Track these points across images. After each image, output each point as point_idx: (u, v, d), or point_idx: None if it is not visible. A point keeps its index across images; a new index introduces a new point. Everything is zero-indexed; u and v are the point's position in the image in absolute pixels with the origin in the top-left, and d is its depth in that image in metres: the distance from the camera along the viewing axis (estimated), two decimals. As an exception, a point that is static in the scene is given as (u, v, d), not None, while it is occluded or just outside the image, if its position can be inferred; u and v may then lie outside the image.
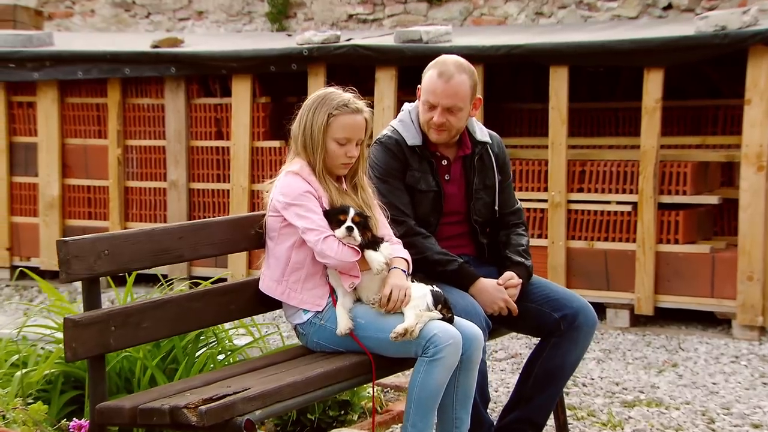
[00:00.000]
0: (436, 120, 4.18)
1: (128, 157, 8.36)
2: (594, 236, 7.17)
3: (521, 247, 4.36)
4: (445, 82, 4.17)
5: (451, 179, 4.32)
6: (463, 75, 4.19)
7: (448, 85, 4.16)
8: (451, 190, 4.31)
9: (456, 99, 4.17)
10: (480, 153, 4.34)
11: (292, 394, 3.60)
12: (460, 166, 4.34)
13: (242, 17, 10.90)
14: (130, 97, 8.33)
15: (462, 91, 4.18)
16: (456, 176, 4.33)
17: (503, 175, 4.39)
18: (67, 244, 3.38)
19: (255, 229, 4.03)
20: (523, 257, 4.33)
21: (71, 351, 3.36)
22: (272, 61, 7.68)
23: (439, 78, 4.18)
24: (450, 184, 4.32)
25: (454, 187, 4.32)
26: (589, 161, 7.19)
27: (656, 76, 6.87)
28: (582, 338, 4.29)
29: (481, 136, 4.36)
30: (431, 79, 4.20)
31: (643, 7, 9.58)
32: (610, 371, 6.12)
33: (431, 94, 4.18)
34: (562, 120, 7.10)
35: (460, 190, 4.32)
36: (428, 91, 4.19)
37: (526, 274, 4.31)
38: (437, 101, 4.17)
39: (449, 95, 4.16)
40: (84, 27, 11.65)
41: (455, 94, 4.16)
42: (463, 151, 4.33)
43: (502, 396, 5.47)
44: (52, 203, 8.53)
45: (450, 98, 4.16)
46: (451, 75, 4.18)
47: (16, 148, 8.69)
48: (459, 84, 4.17)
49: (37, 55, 8.34)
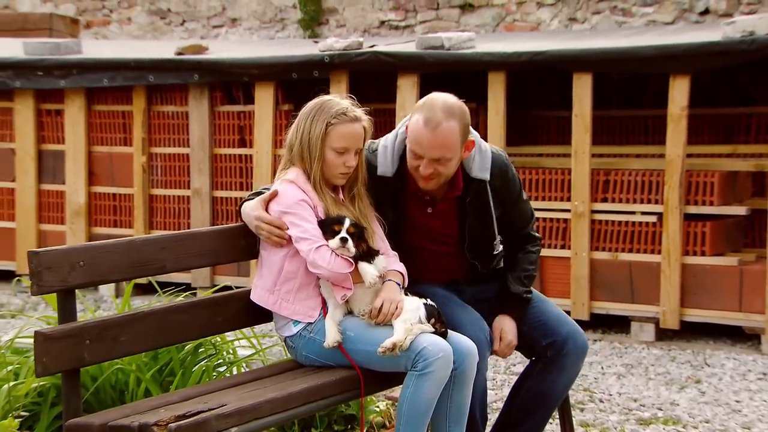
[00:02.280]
0: (423, 171, 3.81)
1: (153, 165, 8.34)
2: (618, 247, 6.99)
3: (525, 273, 4.12)
4: (432, 131, 3.74)
5: (434, 213, 4.02)
6: (451, 121, 3.74)
7: (434, 135, 3.73)
8: (433, 224, 4.03)
9: (444, 150, 3.76)
10: (475, 192, 3.94)
11: (272, 411, 3.51)
12: (449, 203, 4.01)
13: (275, 24, 10.87)
14: (155, 104, 8.32)
15: (451, 140, 3.75)
16: (442, 211, 4.02)
17: (505, 205, 4.04)
18: (39, 255, 3.32)
19: (245, 240, 3.94)
20: (523, 285, 4.11)
21: (41, 365, 3.30)
22: (294, 68, 7.61)
23: (425, 126, 3.75)
24: (432, 218, 4.03)
25: (437, 222, 4.03)
26: (613, 170, 7.01)
27: (682, 83, 6.68)
28: (569, 365, 4.12)
29: (480, 171, 3.91)
30: (417, 127, 3.78)
31: (679, 12, 9.38)
32: (629, 387, 5.94)
33: (416, 145, 3.78)
34: (585, 128, 6.93)
35: (446, 227, 4.03)
36: (413, 141, 3.79)
37: (522, 307, 4.11)
38: (423, 153, 3.77)
39: (436, 147, 3.75)
40: (121, 35, 11.72)
41: (443, 145, 3.75)
42: (453, 192, 3.95)
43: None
44: (79, 211, 8.54)
45: (437, 150, 3.75)
46: (438, 123, 3.74)
47: (45, 155, 8.71)
48: (447, 133, 3.73)
49: (64, 62, 8.36)
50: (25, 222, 8.73)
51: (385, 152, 3.97)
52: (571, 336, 4.11)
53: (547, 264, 7.12)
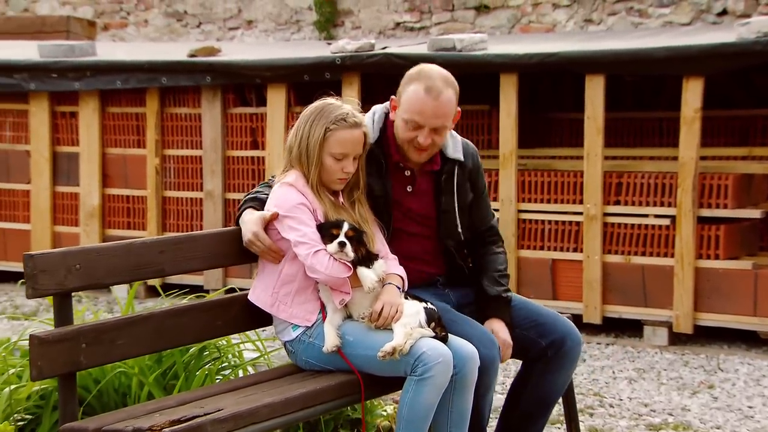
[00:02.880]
0: (423, 141, 3.82)
1: (166, 167, 8.34)
2: (631, 250, 6.93)
3: (498, 273, 4.09)
4: (434, 99, 3.78)
5: (414, 192, 4.01)
6: (449, 90, 3.82)
7: (437, 104, 3.78)
8: (412, 204, 4.01)
9: (444, 119, 3.81)
10: (449, 172, 3.98)
11: (269, 416, 3.48)
12: (427, 181, 4.02)
13: (290, 26, 10.86)
14: (168, 106, 8.32)
15: (450, 108, 3.82)
16: (421, 190, 4.01)
17: (476, 190, 4.08)
18: (34, 258, 3.30)
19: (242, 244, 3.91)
20: (500, 285, 4.07)
21: (36, 369, 3.28)
22: (306, 70, 7.60)
23: (427, 95, 3.78)
24: (412, 197, 4.01)
25: (416, 202, 4.02)
26: (626, 173, 6.94)
27: (696, 85, 6.61)
28: (569, 363, 4.09)
29: (454, 152, 3.98)
30: (417, 97, 3.79)
31: (697, 13, 9.30)
32: (641, 392, 5.88)
33: (418, 114, 3.78)
34: (597, 130, 6.87)
35: (423, 206, 4.02)
36: (414, 111, 3.79)
37: (505, 307, 4.06)
38: (425, 122, 3.79)
39: (439, 115, 3.79)
40: (138, 37, 11.74)
41: (444, 114, 3.80)
42: (431, 166, 3.98)
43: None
44: (93, 213, 8.56)
45: (440, 118, 3.79)
46: (440, 91, 3.79)
47: (60, 157, 8.73)
48: (448, 101, 3.81)
49: (78, 65, 8.38)
50: (40, 224, 8.76)
51: (372, 118, 3.98)
52: (569, 333, 4.07)
53: (559, 267, 7.07)
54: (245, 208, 3.90)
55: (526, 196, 7.17)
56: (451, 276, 4.16)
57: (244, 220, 3.86)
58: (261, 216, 3.83)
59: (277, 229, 3.82)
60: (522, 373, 4.20)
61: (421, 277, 4.08)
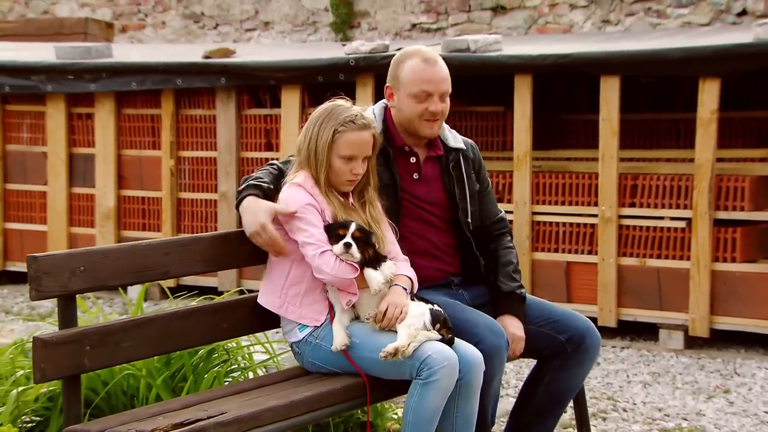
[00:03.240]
0: (436, 108, 3.93)
1: (181, 169, 8.35)
2: (646, 253, 6.86)
3: (510, 267, 4.08)
4: (434, 65, 3.95)
5: (421, 178, 4.03)
6: (440, 59, 4.01)
7: (438, 68, 3.95)
8: (420, 191, 4.02)
9: (448, 82, 3.97)
10: (455, 159, 4.06)
11: (273, 419, 3.46)
12: (433, 167, 4.05)
13: (307, 27, 10.85)
14: (184, 108, 8.32)
15: (448, 73, 3.99)
16: (428, 177, 4.03)
17: (482, 183, 4.13)
18: (38, 260, 3.30)
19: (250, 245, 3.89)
20: (514, 281, 4.05)
21: (40, 372, 3.28)
22: (320, 71, 7.58)
23: (427, 64, 3.93)
24: (419, 184, 4.02)
25: (423, 188, 4.02)
26: (641, 175, 6.88)
27: (712, 86, 6.55)
28: (588, 359, 4.07)
29: (455, 142, 4.08)
30: (419, 68, 3.93)
31: (716, 14, 9.22)
32: (655, 396, 5.82)
33: (426, 83, 3.91)
34: (612, 132, 6.82)
35: (431, 193, 4.03)
36: (421, 80, 3.91)
37: (519, 303, 4.04)
38: (434, 88, 3.91)
39: (444, 79, 3.95)
40: (156, 39, 11.77)
41: (447, 78, 3.97)
42: (435, 151, 4.06)
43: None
44: (108, 214, 8.57)
45: (445, 82, 3.95)
46: (436, 59, 3.97)
47: (76, 159, 8.75)
48: (445, 67, 3.99)
49: (94, 66, 8.40)
50: (56, 225, 8.78)
51: (372, 112, 4.02)
52: (588, 329, 4.06)
53: (574, 270, 7.02)
54: (246, 194, 3.84)
55: (540, 198, 7.12)
56: (466, 274, 4.12)
57: (250, 208, 3.78)
58: (272, 208, 3.77)
59: (284, 228, 3.81)
60: (536, 370, 4.16)
61: (434, 276, 4.05)
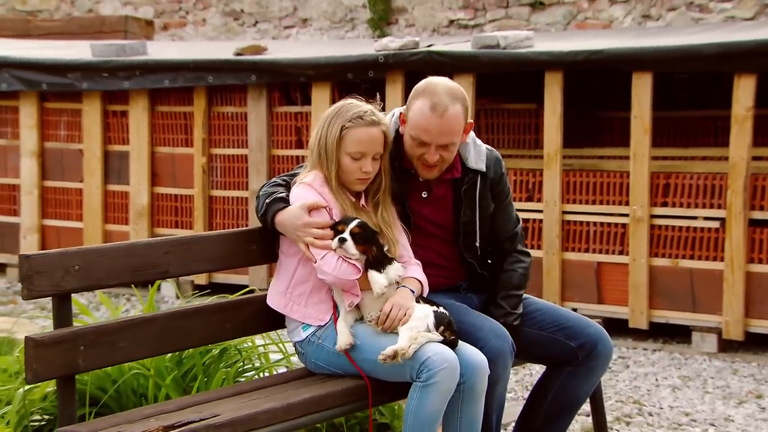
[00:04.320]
0: (430, 159, 3.73)
1: (213, 166, 8.33)
2: (679, 254, 6.70)
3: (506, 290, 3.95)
4: (440, 117, 3.67)
5: (429, 199, 3.90)
6: (457, 105, 3.70)
7: (442, 121, 3.67)
8: (426, 211, 3.90)
9: (452, 136, 3.70)
10: (470, 182, 3.87)
11: (269, 422, 3.40)
12: (444, 189, 3.89)
13: (345, 24, 10.79)
14: (216, 105, 8.31)
15: (457, 124, 3.70)
16: (437, 198, 3.90)
17: (499, 196, 3.96)
18: (30, 259, 3.27)
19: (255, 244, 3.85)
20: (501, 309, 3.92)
21: (32, 372, 3.24)
22: (350, 68, 7.51)
23: (432, 112, 3.67)
24: (427, 204, 3.90)
25: (430, 209, 3.90)
26: (674, 173, 6.72)
27: (748, 83, 6.37)
28: (600, 366, 3.96)
29: (476, 162, 3.87)
30: (422, 114, 3.69)
31: (761, 8, 8.99)
32: (683, 400, 5.67)
33: (424, 132, 3.69)
34: (644, 129, 6.66)
35: (440, 215, 3.90)
36: (419, 128, 3.70)
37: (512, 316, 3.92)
38: (431, 140, 3.69)
39: (445, 133, 3.68)
40: (196, 36, 11.79)
41: (451, 131, 3.69)
42: (451, 174, 3.87)
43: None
44: (142, 212, 8.59)
45: (446, 136, 3.69)
46: (446, 108, 3.67)
47: (111, 156, 8.78)
48: (454, 117, 3.69)
49: (127, 64, 8.41)
50: (92, 222, 8.82)
51: (390, 119, 3.88)
52: (601, 336, 3.95)
53: (604, 270, 6.88)
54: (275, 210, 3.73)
55: (571, 197, 6.99)
56: (473, 282, 4.04)
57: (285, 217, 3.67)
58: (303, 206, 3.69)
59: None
60: (546, 376, 4.06)
61: (441, 282, 3.96)
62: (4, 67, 8.81)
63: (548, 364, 4.04)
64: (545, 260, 6.99)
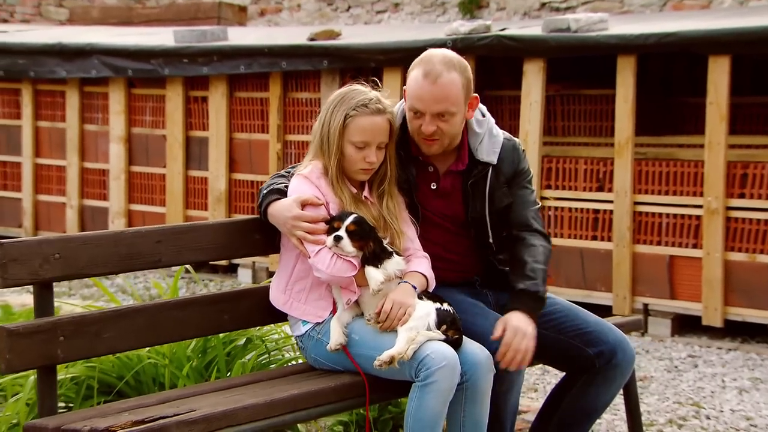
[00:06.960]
0: (426, 129, 3.55)
1: (287, 152, 8.27)
2: (756, 248, 6.30)
3: (529, 266, 3.64)
4: (432, 83, 3.50)
5: (438, 190, 3.69)
6: (452, 72, 3.51)
7: (435, 87, 3.50)
8: (437, 203, 3.70)
9: (447, 103, 3.51)
10: (479, 176, 3.66)
11: (250, 419, 3.27)
12: (453, 182, 3.69)
13: (436, 8, 10.60)
14: (291, 91, 8.24)
15: (453, 92, 3.51)
16: (446, 191, 3.69)
17: (513, 190, 3.71)
18: (4, 247, 3.21)
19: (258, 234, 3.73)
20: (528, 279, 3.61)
21: (5, 362, 3.18)
22: (418, 53, 7.24)
23: (424, 79, 3.52)
24: (437, 196, 3.70)
25: (439, 202, 3.70)
26: (752, 163, 6.31)
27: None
28: (619, 376, 3.70)
29: (487, 154, 3.67)
30: (416, 81, 3.54)
31: None
32: (748, 404, 5.32)
33: (417, 100, 3.53)
34: (721, 116, 6.28)
35: (450, 208, 3.70)
36: (414, 96, 3.55)
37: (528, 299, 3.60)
38: (425, 108, 3.53)
39: (438, 99, 3.51)
40: (291, 22, 11.78)
41: (445, 98, 3.51)
42: (456, 165, 3.68)
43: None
44: (220, 198, 8.60)
45: (439, 103, 3.51)
46: (439, 74, 3.50)
47: (192, 142, 8.82)
48: (449, 84, 3.50)
49: (206, 50, 8.42)
50: (174, 207, 8.89)
51: (398, 108, 3.71)
52: (620, 344, 3.69)
53: (677, 264, 6.53)
54: (268, 202, 3.63)
55: (642, 187, 6.64)
56: (488, 277, 3.82)
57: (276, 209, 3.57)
58: (296, 200, 3.56)
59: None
60: (564, 381, 3.85)
61: (452, 277, 3.76)
62: (93, 54, 8.94)
63: (564, 369, 3.81)
64: (615, 253, 6.67)
